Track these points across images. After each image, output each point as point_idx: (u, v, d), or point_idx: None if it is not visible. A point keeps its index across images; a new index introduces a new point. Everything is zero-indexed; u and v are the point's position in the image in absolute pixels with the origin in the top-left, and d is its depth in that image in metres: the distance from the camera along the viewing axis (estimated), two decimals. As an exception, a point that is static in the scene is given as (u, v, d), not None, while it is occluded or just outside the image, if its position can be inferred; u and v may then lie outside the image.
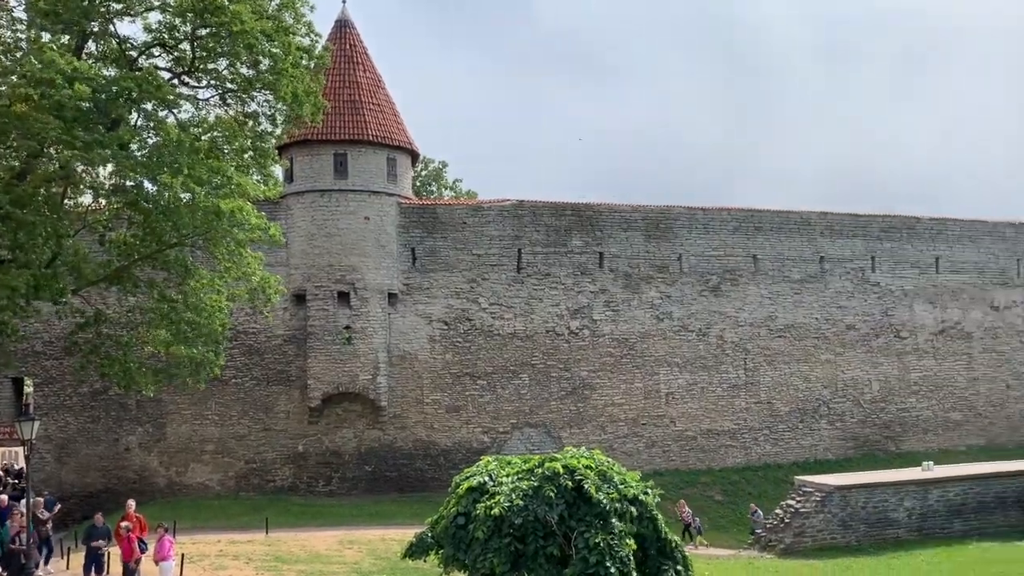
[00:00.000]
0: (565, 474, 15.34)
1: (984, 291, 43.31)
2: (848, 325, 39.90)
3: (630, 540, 14.89)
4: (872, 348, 40.35)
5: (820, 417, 39.06)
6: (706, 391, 37.04)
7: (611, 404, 35.70)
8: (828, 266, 39.71)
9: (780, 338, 38.46)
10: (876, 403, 40.27)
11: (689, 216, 37.48)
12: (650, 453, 35.86)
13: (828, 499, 27.91)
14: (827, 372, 39.34)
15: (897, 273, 41.14)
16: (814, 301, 39.32)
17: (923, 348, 41.56)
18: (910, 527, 28.84)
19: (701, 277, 37.35)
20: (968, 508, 29.88)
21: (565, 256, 35.57)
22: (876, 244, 40.77)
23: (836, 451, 39.00)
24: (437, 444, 33.97)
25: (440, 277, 34.36)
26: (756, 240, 38.35)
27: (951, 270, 42.48)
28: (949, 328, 42.32)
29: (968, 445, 41.59)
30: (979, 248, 43.34)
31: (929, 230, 42.29)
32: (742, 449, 37.28)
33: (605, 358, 35.82)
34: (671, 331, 36.78)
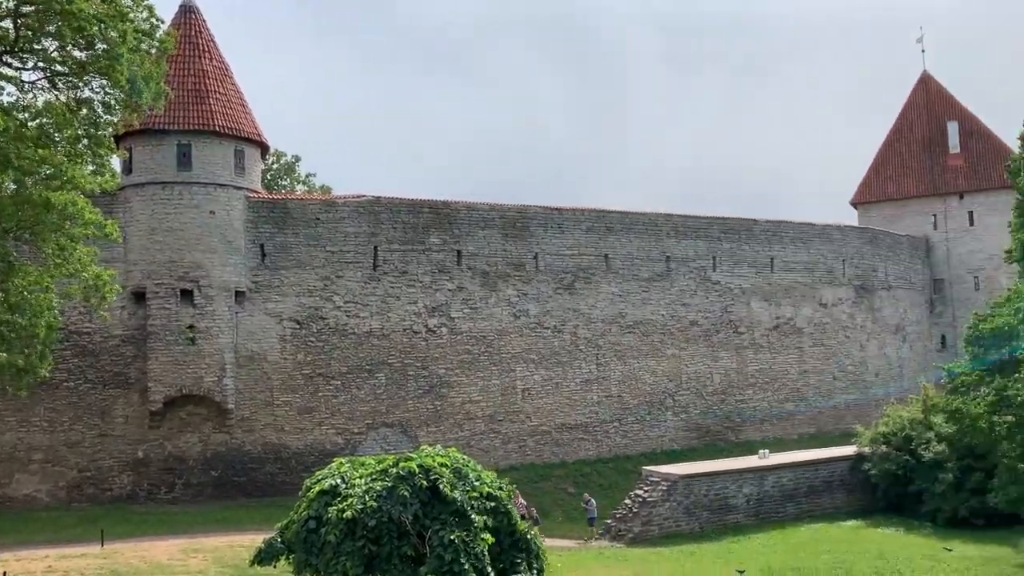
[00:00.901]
0: (420, 473, 15.27)
1: (814, 289, 46.53)
2: (691, 321, 41.86)
3: (486, 535, 15.02)
4: (713, 343, 42.51)
5: (666, 409, 40.75)
6: (560, 386, 37.86)
7: (469, 401, 35.84)
8: (674, 265, 41.49)
9: (630, 334, 39.84)
10: (717, 395, 42.45)
11: (545, 216, 38.16)
12: (506, 449, 36.27)
13: (673, 488, 29.20)
14: (672, 366, 41.11)
15: (736, 272, 43.52)
16: (661, 298, 40.98)
17: (759, 343, 44.18)
18: (748, 512, 30.64)
19: (556, 275, 38.12)
20: (800, 492, 32.08)
21: (423, 254, 35.39)
22: (717, 245, 42.97)
23: (681, 441, 40.81)
24: (288, 447, 32.99)
25: (292, 275, 33.35)
26: (608, 240, 39.55)
27: (784, 269, 45.38)
28: (783, 324, 45.19)
29: (800, 433, 44.58)
30: (809, 249, 46.53)
31: (765, 232, 45.00)
32: (594, 442, 38.36)
33: (463, 356, 35.91)
34: (527, 328, 37.33)
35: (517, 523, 16.02)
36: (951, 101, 57.39)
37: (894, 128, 58.46)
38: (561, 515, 33.17)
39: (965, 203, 54.52)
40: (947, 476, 29.77)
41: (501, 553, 15.61)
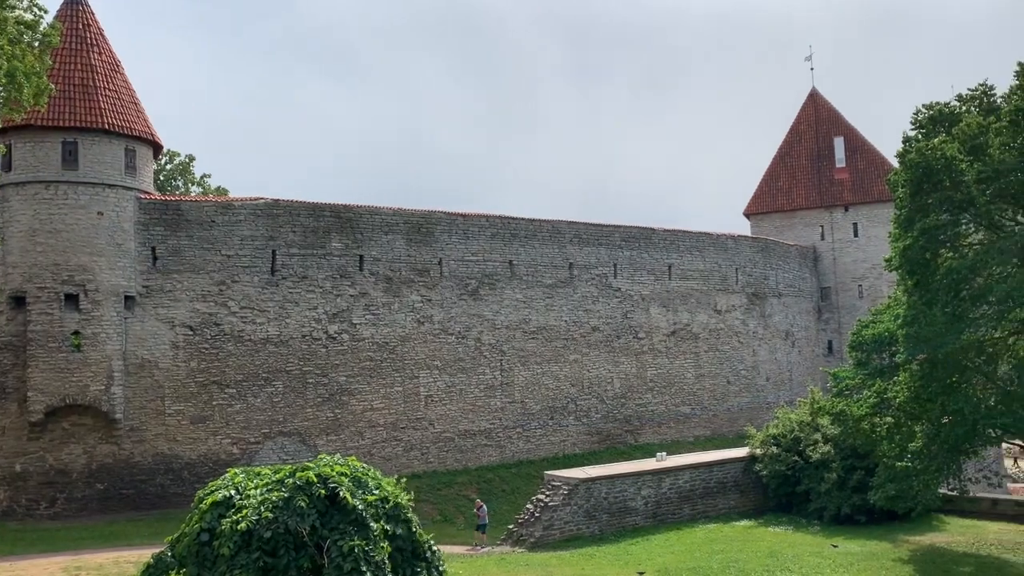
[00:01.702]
0: (318, 483, 14.93)
1: (709, 296, 48.01)
2: (593, 327, 42.52)
3: (385, 543, 14.81)
4: (614, 348, 43.30)
5: (568, 414, 41.24)
6: (464, 393, 37.79)
7: (370, 409, 35.34)
8: (576, 272, 42.07)
9: (533, 340, 40.16)
10: (617, 399, 43.23)
11: (449, 221, 38.08)
12: (409, 456, 35.93)
13: (575, 492, 29.49)
14: (574, 371, 41.66)
15: (636, 279, 44.48)
16: (564, 305, 41.48)
17: (658, 348, 45.26)
18: (647, 514, 31.22)
19: (461, 281, 38.08)
20: (696, 493, 32.89)
21: (323, 259, 34.73)
22: (618, 252, 43.84)
23: (583, 446, 41.36)
24: (180, 457, 31.75)
25: (185, 279, 32.17)
26: (512, 246, 39.78)
27: (682, 277, 46.67)
28: (680, 330, 46.43)
29: (696, 436, 45.86)
30: (705, 258, 48.01)
31: (664, 240, 46.18)
32: (497, 448, 38.45)
33: (365, 363, 35.40)
34: (431, 334, 37.12)
35: (418, 531, 15.89)
36: (838, 117, 60.30)
37: (785, 142, 61.01)
38: (464, 522, 33.09)
39: (850, 215, 57.32)
40: (832, 475, 31.11)
41: (402, 561, 15.44)
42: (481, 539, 29.51)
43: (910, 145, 24.55)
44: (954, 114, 25.18)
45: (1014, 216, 24.20)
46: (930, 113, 25.50)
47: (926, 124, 25.43)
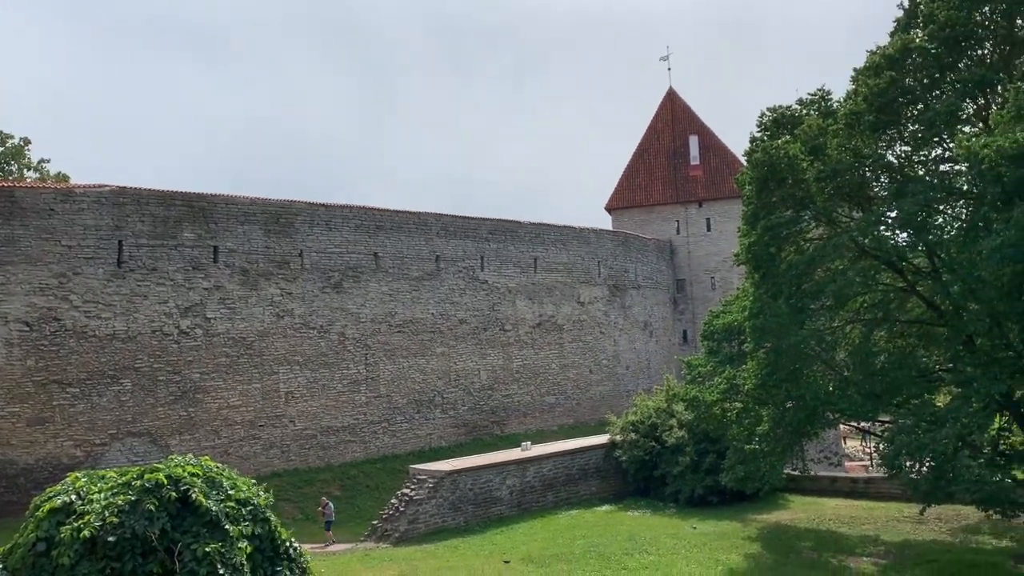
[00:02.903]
0: (169, 484, 14.22)
1: (573, 288, 49.09)
2: (460, 320, 42.60)
3: (243, 544, 14.30)
4: (481, 340, 43.55)
5: (435, 407, 41.16)
6: (326, 388, 36.99)
7: (227, 407, 33.99)
8: (443, 264, 42.00)
9: (399, 333, 39.79)
10: (484, 391, 43.53)
11: (311, 212, 37.11)
12: (268, 455, 34.83)
13: (440, 484, 29.48)
14: (441, 364, 41.61)
15: (502, 272, 44.89)
16: (431, 297, 41.32)
17: (524, 339, 45.88)
18: (511, 503, 31.62)
19: (323, 274, 37.20)
20: (559, 481, 33.60)
21: (175, 250, 33.06)
22: (485, 245, 44.09)
23: (449, 438, 41.39)
24: (16, 463, 29.50)
25: (20, 271, 29.86)
26: (377, 238, 39.23)
27: (547, 269, 47.48)
28: (545, 321, 47.24)
29: (560, 425, 46.82)
30: (569, 251, 49.05)
31: (529, 234, 46.83)
32: (361, 443, 37.89)
33: (220, 359, 34.01)
34: (292, 329, 36.09)
35: (278, 530, 15.43)
36: (693, 116, 62.92)
37: (643, 139, 63.12)
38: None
39: (703, 210, 59.98)
40: (686, 459, 32.51)
41: (263, 562, 14.94)
42: (329, 537, 28.96)
43: (756, 145, 25.81)
44: (796, 117, 26.67)
45: (849, 213, 25.91)
46: (774, 115, 26.92)
47: (770, 126, 26.83)
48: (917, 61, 23.57)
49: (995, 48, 24.13)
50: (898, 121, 24.14)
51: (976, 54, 24.24)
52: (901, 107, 23.98)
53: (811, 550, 25.69)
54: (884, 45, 24.06)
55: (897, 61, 23.48)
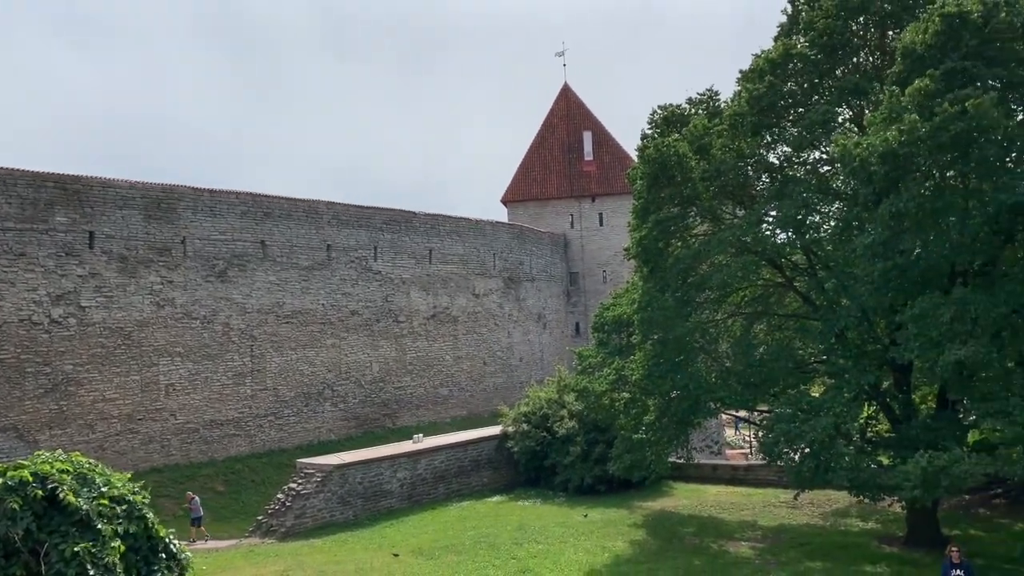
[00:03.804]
0: (35, 482, 13.40)
1: (468, 280, 49.07)
2: (352, 311, 41.91)
3: (117, 543, 13.63)
4: (373, 332, 42.98)
5: (324, 400, 40.37)
6: (210, 380, 35.70)
7: (102, 400, 32.32)
8: (335, 254, 41.19)
9: (287, 324, 38.80)
10: (376, 383, 43.00)
11: (195, 197, 35.67)
12: (147, 450, 33.35)
13: (328, 478, 28.96)
14: (331, 356, 40.83)
15: (397, 263, 44.42)
16: (321, 288, 40.46)
17: (418, 331, 45.56)
18: (402, 496, 31.40)
19: (207, 262, 35.85)
20: (450, 473, 33.58)
21: (45, 234, 31.13)
22: (378, 235, 43.50)
23: (339, 432, 40.70)
24: None
25: None
26: (265, 226, 38.10)
27: (442, 261, 47.28)
28: (439, 313, 47.05)
29: (453, 417, 46.77)
30: (465, 242, 48.99)
31: (424, 224, 46.50)
32: (247, 437, 36.78)
33: (95, 350, 32.29)
34: (173, 319, 34.62)
35: (155, 527, 14.78)
36: (586, 113, 63.85)
37: (539, 133, 63.66)
38: (210, 516, 31.36)
39: (596, 205, 61.03)
40: (576, 449, 33.06)
41: (138, 561, 14.30)
42: (200, 533, 27.96)
43: (647, 142, 26.37)
44: (685, 115, 27.42)
45: (733, 210, 26.85)
46: (664, 113, 27.58)
47: (661, 123, 27.48)
48: (798, 67, 24.62)
49: (869, 57, 25.46)
50: (779, 124, 25.18)
51: (852, 62, 25.52)
52: (782, 110, 25.02)
53: (693, 536, 26.58)
54: (768, 50, 25.01)
55: (779, 66, 24.45)
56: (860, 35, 25.15)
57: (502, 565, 23.00)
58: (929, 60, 20.87)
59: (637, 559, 23.83)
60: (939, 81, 20.12)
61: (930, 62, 20.82)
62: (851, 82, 24.51)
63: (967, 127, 19.38)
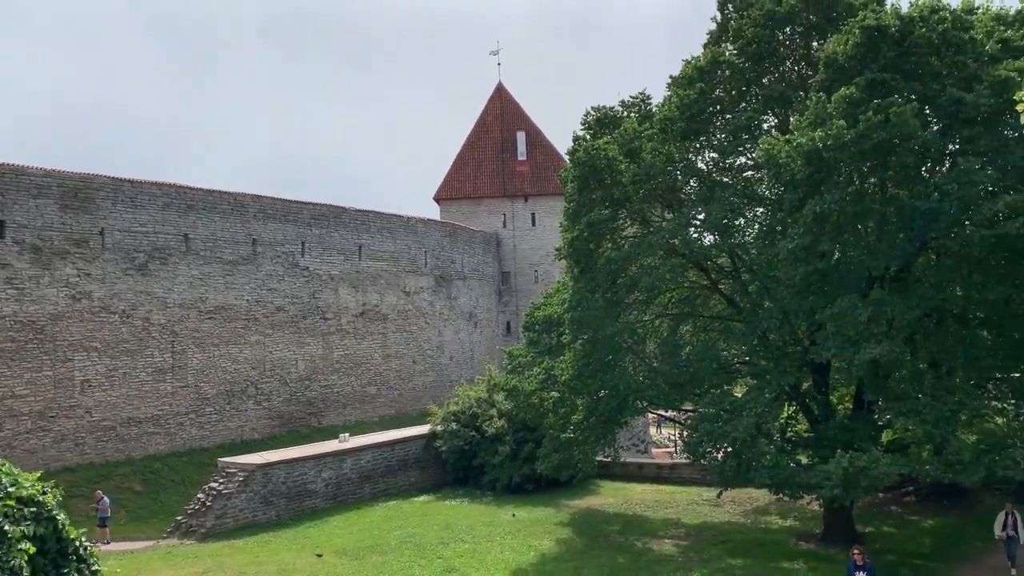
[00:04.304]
0: (-68, 483, 12.73)
1: (398, 277, 48.63)
2: (278, 307, 41.07)
3: (25, 546, 13.04)
4: (300, 329, 42.21)
5: (248, 398, 39.47)
6: (128, 377, 34.50)
7: (11, 396, 30.90)
8: (260, 249, 40.30)
9: (210, 320, 37.79)
10: (302, 381, 42.24)
11: (114, 187, 34.42)
12: (60, 448, 32.04)
13: (251, 478, 28.33)
14: (256, 353, 39.93)
15: (325, 259, 43.72)
16: (246, 283, 39.53)
17: (346, 329, 44.93)
18: (327, 496, 30.91)
19: (127, 254, 34.64)
20: (377, 472, 33.22)
21: (-48, 222, 29.65)
22: (306, 230, 42.74)
23: (263, 430, 39.84)
24: None
25: None
26: (188, 219, 37.02)
27: (372, 258, 46.74)
28: (369, 310, 46.50)
29: (381, 416, 46.27)
30: (395, 239, 48.53)
31: (354, 220, 45.88)
32: (166, 436, 35.68)
33: (5, 344, 30.85)
34: (90, 313, 33.35)
35: (66, 529, 14.21)
36: (520, 112, 64.01)
37: (473, 131, 63.54)
38: (126, 516, 30.39)
39: (529, 205, 61.25)
40: (505, 448, 33.07)
41: (47, 564, 13.71)
42: (104, 534, 26.97)
43: (578, 144, 26.54)
44: (617, 118, 27.69)
45: (662, 214, 27.24)
46: (597, 115, 27.82)
47: (593, 125, 27.71)
48: (726, 74, 25.12)
49: (795, 67, 26.13)
50: (707, 130, 25.65)
51: (778, 71, 26.16)
52: (710, 117, 25.49)
53: (618, 534, 26.87)
54: (697, 57, 25.45)
55: (708, 72, 24.90)
56: (786, 45, 25.79)
57: (428, 565, 22.85)
58: (850, 71, 21.56)
59: (563, 558, 23.96)
60: (863, 90, 20.80)
61: (851, 73, 21.51)
62: (777, 90, 25.13)
63: (889, 135, 20.08)
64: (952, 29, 21.24)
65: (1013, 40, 22.39)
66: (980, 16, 23.37)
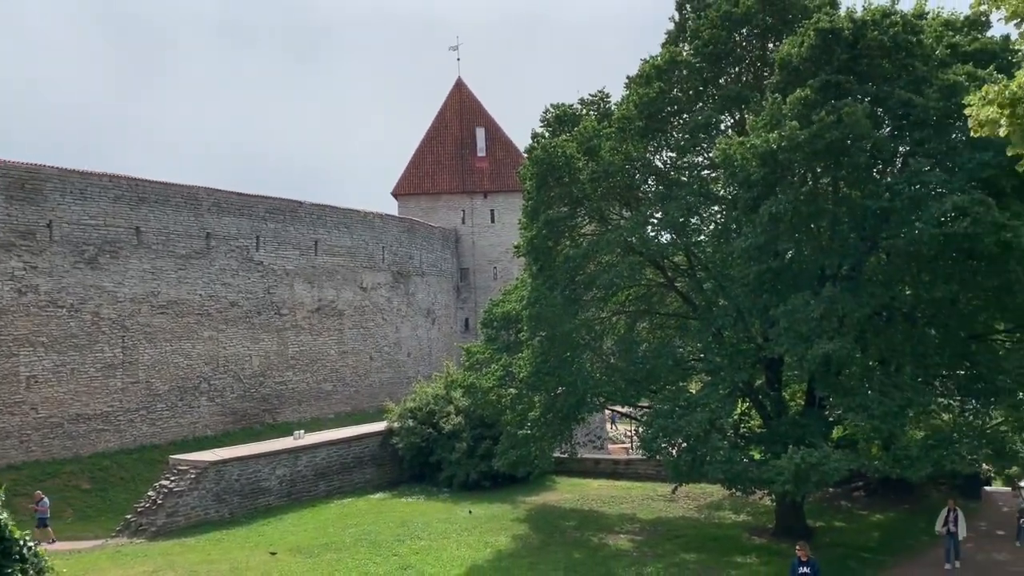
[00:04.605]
0: None
1: (355, 273, 48.21)
2: (232, 302, 40.45)
3: (-36, 548, 12.70)
4: (254, 325, 41.63)
5: (200, 394, 38.83)
6: (77, 373, 33.70)
7: (-47, 392, 30.03)
8: (214, 243, 39.64)
9: (162, 315, 37.07)
10: (256, 378, 41.67)
11: (62, 179, 33.57)
12: (3, 446, 31.14)
13: (203, 475, 27.89)
14: (209, 349, 39.28)
15: (280, 253, 43.17)
16: (199, 277, 38.87)
17: (301, 324, 44.42)
18: (281, 493, 30.57)
19: (76, 247, 33.82)
20: (332, 470, 32.93)
21: None
22: (261, 224, 42.14)
23: (216, 427, 39.23)
24: None
25: None
26: (140, 211, 36.26)
27: (328, 253, 46.26)
28: (325, 306, 46.04)
29: (337, 412, 45.86)
30: (352, 234, 48.10)
31: (310, 215, 45.36)
32: (116, 432, 34.92)
33: (-54, 338, 29.98)
34: (36, 306, 32.50)
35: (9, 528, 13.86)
36: (480, 109, 63.87)
37: (432, 127, 63.25)
38: (72, 515, 29.69)
39: (488, 202, 61.17)
40: (462, 445, 32.99)
41: (-12, 566, 13.36)
42: (45, 535, 26.18)
43: (537, 142, 26.56)
44: (576, 116, 27.77)
45: (620, 212, 27.40)
46: (556, 112, 27.86)
47: (552, 123, 27.74)
48: (683, 74, 25.34)
49: (751, 67, 26.46)
50: (665, 128, 25.86)
51: (734, 72, 26.47)
52: (668, 116, 25.70)
53: (575, 529, 26.99)
54: (655, 56, 25.63)
55: (665, 72, 25.10)
56: (743, 46, 26.10)
57: (383, 562, 22.71)
58: (805, 72, 21.90)
59: (519, 554, 23.99)
60: (817, 92, 21.14)
61: (806, 74, 21.85)
62: (734, 91, 25.43)
63: (841, 135, 20.45)
64: (903, 33, 21.70)
65: (961, 45, 22.96)
66: (930, 21, 23.93)
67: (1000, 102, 10.14)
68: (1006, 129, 10.18)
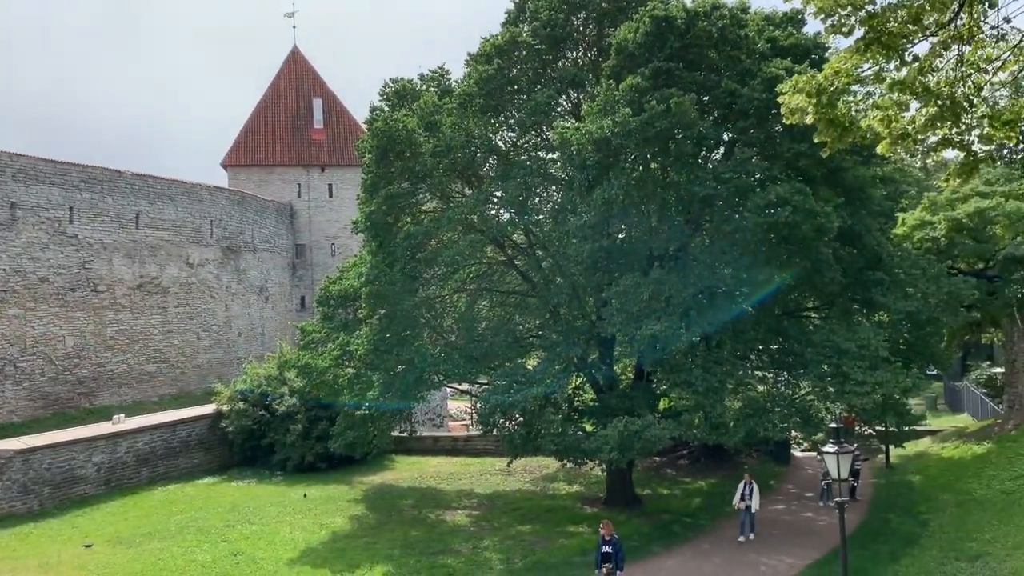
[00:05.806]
0: None
1: (181, 248, 45.58)
2: (41, 278, 37.24)
3: None
4: (67, 303, 38.55)
5: (6, 378, 35.58)
6: None
7: None
8: (20, 214, 36.28)
9: (-42, 291, 33.59)
10: (70, 359, 38.67)
11: None
12: None
13: (8, 465, 25.68)
14: (14, 328, 36.00)
15: (96, 226, 40.11)
16: (3, 252, 35.47)
17: (121, 302, 41.57)
18: (99, 482, 28.65)
19: None
20: (156, 455, 31.20)
21: None
22: (75, 194, 38.97)
23: (24, 413, 36.07)
24: None
25: None
26: (-70, 176, 32.58)
27: (151, 226, 43.44)
28: (147, 283, 43.28)
29: (161, 395, 43.34)
30: (178, 207, 45.39)
31: (131, 185, 42.39)
32: (-98, 422, 31.42)
33: None
34: None
35: None
36: (317, 79, 61.83)
37: (266, 96, 60.60)
38: None
39: (326, 176, 59.47)
40: (297, 427, 32.11)
41: None
42: None
43: (376, 115, 26.06)
44: (416, 91, 27.44)
45: (462, 189, 27.40)
46: (396, 87, 27.42)
47: (392, 97, 27.28)
48: (523, 54, 25.60)
49: (587, 51, 27.09)
50: (505, 108, 26.06)
51: (572, 55, 27.01)
52: (508, 96, 25.91)
53: (412, 507, 26.99)
54: (495, 35, 25.71)
55: (505, 52, 25.27)
56: (580, 30, 26.66)
57: (211, 549, 21.81)
58: (639, 58, 22.67)
59: (355, 534, 23.72)
60: (648, 79, 21.94)
61: (640, 60, 22.63)
62: (571, 73, 25.96)
63: (670, 124, 21.35)
64: (730, 26, 22.89)
65: (779, 40, 24.48)
66: (752, 16, 25.34)
67: (808, 91, 10.89)
68: (812, 116, 10.96)
